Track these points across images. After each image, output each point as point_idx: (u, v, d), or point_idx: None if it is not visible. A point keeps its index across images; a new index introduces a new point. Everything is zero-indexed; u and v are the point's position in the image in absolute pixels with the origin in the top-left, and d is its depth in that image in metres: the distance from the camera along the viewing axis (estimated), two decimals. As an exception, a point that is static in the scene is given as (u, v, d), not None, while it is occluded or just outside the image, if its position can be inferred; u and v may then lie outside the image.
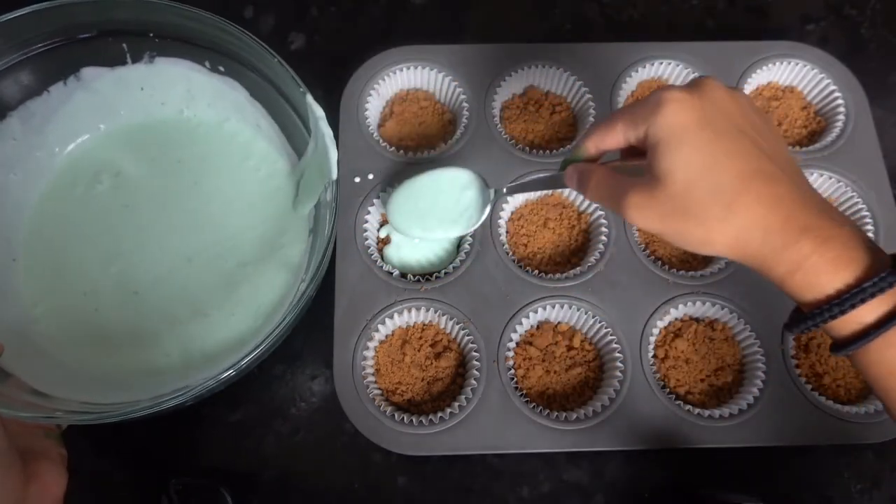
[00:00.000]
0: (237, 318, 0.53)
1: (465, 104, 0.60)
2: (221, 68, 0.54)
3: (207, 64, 0.54)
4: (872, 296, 0.31)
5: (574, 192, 0.58)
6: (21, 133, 0.53)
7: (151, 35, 0.53)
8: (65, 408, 0.44)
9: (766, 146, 0.33)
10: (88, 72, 0.54)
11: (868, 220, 0.57)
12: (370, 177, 0.57)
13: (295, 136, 0.55)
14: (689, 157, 0.32)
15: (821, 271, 0.32)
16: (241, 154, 0.58)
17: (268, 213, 0.56)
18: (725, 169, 0.32)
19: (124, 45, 0.53)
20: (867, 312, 0.31)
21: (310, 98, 0.48)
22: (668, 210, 0.33)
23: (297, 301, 0.45)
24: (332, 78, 0.61)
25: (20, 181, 0.54)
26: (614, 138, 0.36)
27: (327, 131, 0.47)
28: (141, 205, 0.56)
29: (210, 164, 0.57)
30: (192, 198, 0.56)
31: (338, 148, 0.48)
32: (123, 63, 0.55)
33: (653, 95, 0.34)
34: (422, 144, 0.60)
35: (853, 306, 0.31)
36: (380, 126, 0.62)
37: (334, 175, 0.48)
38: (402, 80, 0.62)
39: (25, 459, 0.37)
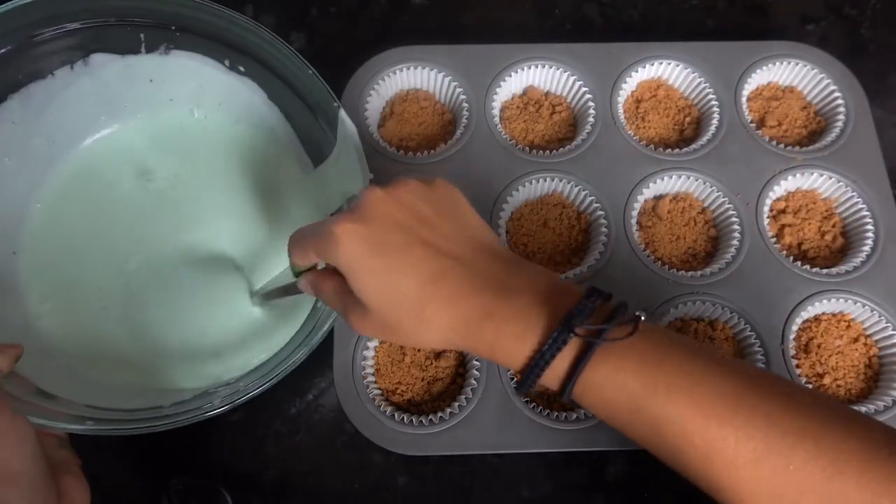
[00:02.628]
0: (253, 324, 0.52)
1: (465, 104, 0.60)
2: (242, 68, 0.53)
3: (227, 62, 0.53)
4: (552, 356, 0.33)
5: (574, 192, 0.58)
6: (20, 117, 0.51)
7: (173, 28, 0.51)
8: (71, 411, 0.43)
9: (437, 236, 0.35)
10: (98, 58, 0.52)
11: (868, 220, 0.57)
12: (370, 177, 0.57)
13: (311, 143, 0.54)
14: (370, 284, 0.34)
15: (510, 347, 0.35)
16: (256, 158, 0.57)
17: (281, 220, 0.55)
18: (404, 286, 0.34)
19: (141, 35, 0.51)
20: (560, 364, 0.34)
21: (343, 113, 0.47)
22: (379, 326, 0.36)
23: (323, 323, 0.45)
24: (332, 78, 0.60)
25: (16, 168, 0.52)
26: (311, 258, 0.38)
27: (359, 146, 0.46)
28: (158, 210, 0.55)
29: (226, 170, 0.56)
30: (210, 205, 0.55)
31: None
32: (137, 52, 0.52)
33: (324, 226, 0.35)
34: (422, 145, 0.60)
35: (542, 369, 0.34)
36: (380, 126, 0.62)
37: None
38: (401, 81, 0.62)
39: (52, 475, 0.37)
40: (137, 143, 0.56)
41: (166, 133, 0.57)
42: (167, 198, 0.55)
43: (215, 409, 0.42)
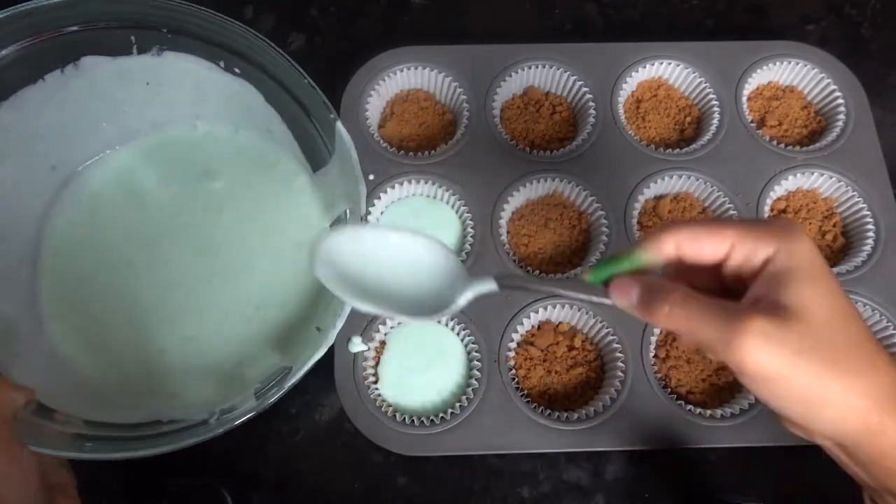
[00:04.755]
0: (263, 348, 0.52)
1: (465, 104, 0.60)
2: (237, 70, 0.52)
3: (222, 64, 0.52)
4: None
5: (574, 192, 0.58)
6: (12, 123, 0.50)
7: (164, 30, 0.50)
8: (69, 429, 0.43)
9: None
10: (88, 60, 0.50)
11: (868, 220, 0.57)
12: (370, 177, 0.57)
13: (308, 144, 0.54)
14: (830, 297, 0.28)
15: None
16: (260, 165, 0.57)
17: (289, 225, 0.55)
18: (860, 322, 0.29)
19: (132, 38, 0.50)
20: None
21: (340, 125, 0.47)
22: (804, 347, 0.27)
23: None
24: (332, 78, 0.61)
25: (16, 175, 0.52)
26: (717, 246, 0.30)
27: (356, 160, 0.46)
28: (164, 224, 0.55)
29: (233, 179, 0.56)
30: (220, 216, 0.55)
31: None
32: (129, 54, 0.51)
33: (776, 219, 0.30)
34: (422, 145, 0.60)
35: None
36: (380, 126, 0.62)
37: (363, 209, 0.46)
38: (402, 81, 0.62)
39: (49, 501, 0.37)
40: (143, 160, 0.56)
41: (172, 149, 0.57)
42: (175, 212, 0.55)
43: (212, 432, 0.42)
